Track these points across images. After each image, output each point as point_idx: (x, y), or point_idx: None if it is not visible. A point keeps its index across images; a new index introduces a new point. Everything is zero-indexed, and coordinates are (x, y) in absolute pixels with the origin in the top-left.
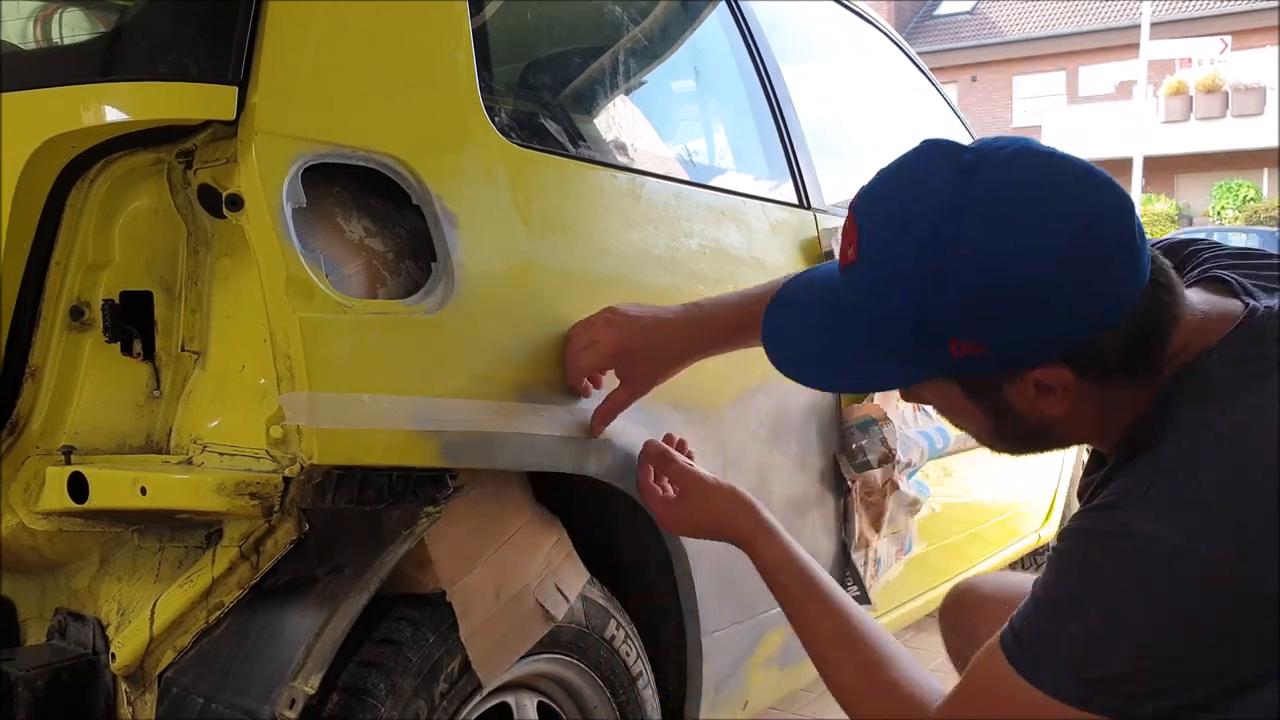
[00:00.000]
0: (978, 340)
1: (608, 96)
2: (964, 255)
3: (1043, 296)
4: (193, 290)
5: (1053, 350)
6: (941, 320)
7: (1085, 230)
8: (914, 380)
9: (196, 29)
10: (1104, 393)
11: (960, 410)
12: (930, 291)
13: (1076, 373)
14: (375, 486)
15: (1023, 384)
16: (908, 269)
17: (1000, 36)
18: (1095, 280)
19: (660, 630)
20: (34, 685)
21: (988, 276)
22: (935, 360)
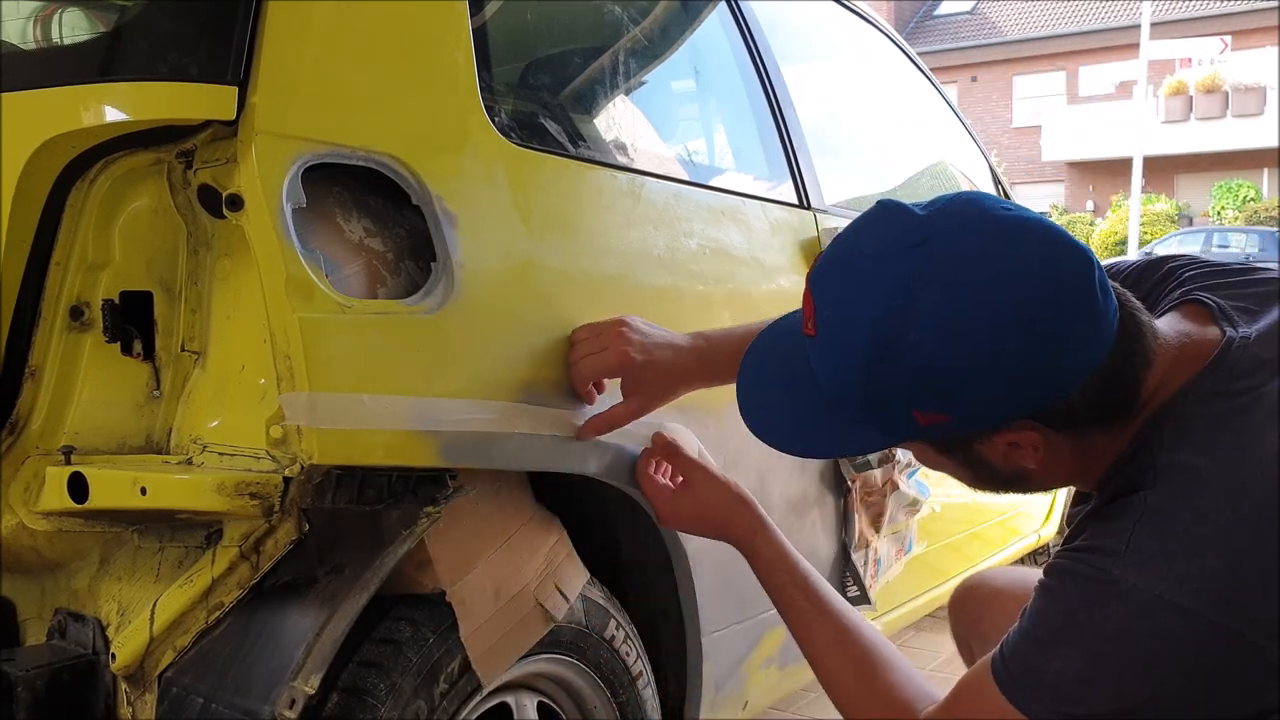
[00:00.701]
0: (938, 411)
1: (608, 96)
2: (914, 335)
3: (998, 371)
4: (193, 290)
5: (1016, 415)
6: (900, 396)
7: (1039, 306)
8: (884, 446)
9: (196, 29)
10: (1079, 443)
11: (937, 463)
12: (885, 371)
13: (1045, 432)
14: (375, 486)
15: (994, 445)
16: (862, 349)
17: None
18: (1052, 353)
19: (660, 630)
20: (34, 685)
21: (940, 355)
22: (902, 428)
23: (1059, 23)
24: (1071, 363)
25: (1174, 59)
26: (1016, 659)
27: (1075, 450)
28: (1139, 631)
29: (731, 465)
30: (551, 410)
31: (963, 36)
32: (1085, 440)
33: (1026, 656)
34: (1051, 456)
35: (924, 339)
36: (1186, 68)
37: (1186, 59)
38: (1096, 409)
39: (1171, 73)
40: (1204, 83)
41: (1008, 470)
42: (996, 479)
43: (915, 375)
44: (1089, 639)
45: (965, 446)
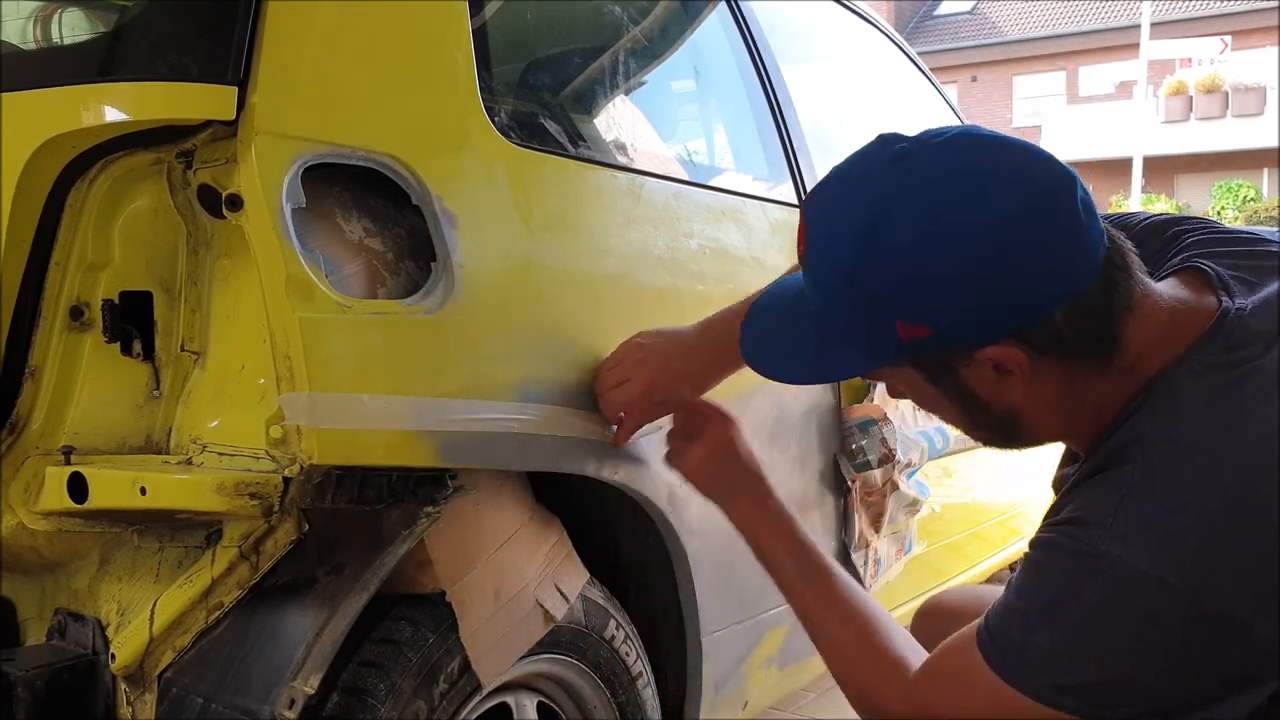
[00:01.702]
0: (919, 321)
1: (608, 96)
2: (894, 239)
3: (975, 276)
4: (192, 290)
5: (998, 330)
6: (882, 304)
7: (1017, 212)
8: (871, 367)
9: (196, 29)
10: (1067, 379)
11: (930, 399)
12: (867, 279)
13: (1030, 353)
14: (375, 486)
15: (978, 366)
16: (844, 259)
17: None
18: (1032, 261)
19: (660, 630)
20: (34, 685)
21: (917, 262)
22: (886, 346)
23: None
24: (1053, 271)
25: (1174, 59)
26: (1002, 631)
27: (1063, 389)
28: (1123, 606)
29: None
30: (552, 410)
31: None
32: (1072, 377)
33: (1011, 629)
34: (1038, 390)
35: (901, 245)
36: (1186, 68)
37: (1186, 59)
38: (1081, 337)
39: (1171, 73)
40: (1204, 83)
41: (998, 407)
42: (988, 420)
43: (895, 283)
44: (1073, 612)
45: (951, 372)
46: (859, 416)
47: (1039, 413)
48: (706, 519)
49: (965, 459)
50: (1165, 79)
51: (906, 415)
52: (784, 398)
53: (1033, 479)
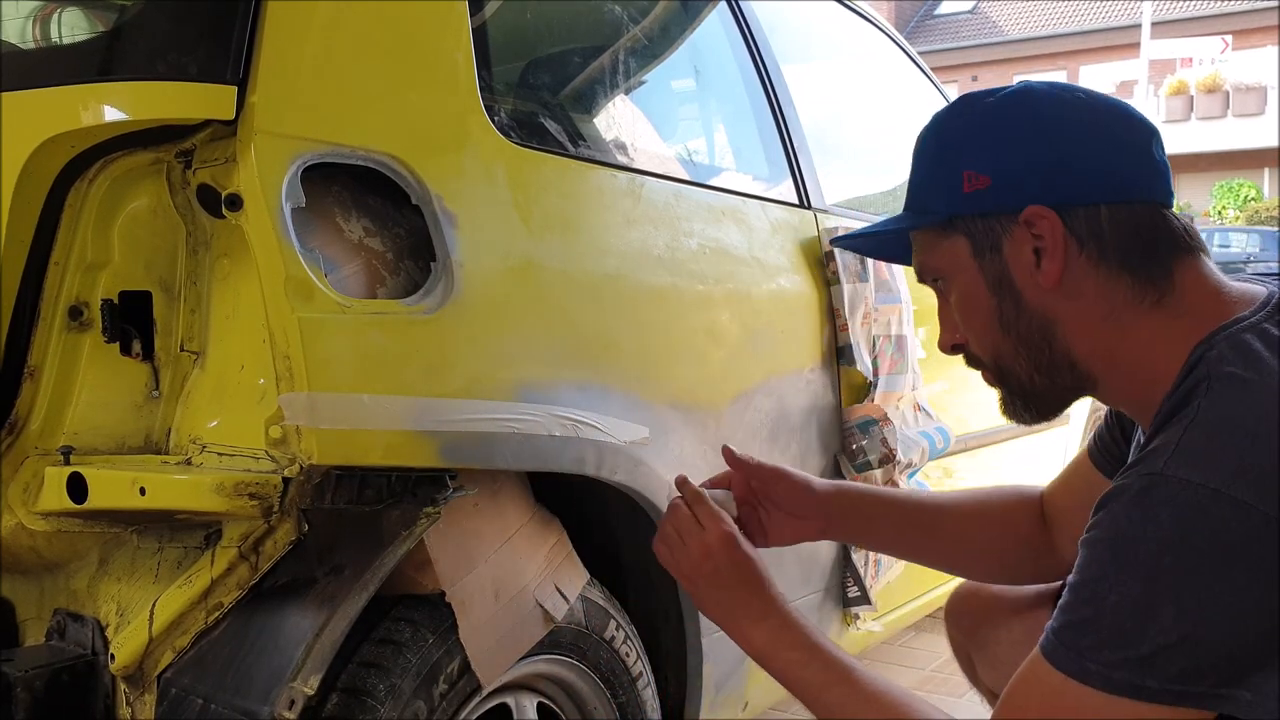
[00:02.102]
0: (984, 170)
1: (608, 96)
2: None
3: (1045, 135)
4: (192, 290)
5: (1048, 194)
6: (957, 151)
7: (1098, 105)
8: (933, 215)
9: (196, 29)
10: (1107, 292)
11: (969, 285)
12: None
13: (1066, 232)
14: (375, 487)
15: (1019, 241)
16: (937, 120)
17: (1000, 36)
18: (1098, 144)
19: (660, 630)
20: (33, 686)
21: (1000, 111)
22: (951, 197)
23: (1059, 23)
24: (1107, 168)
25: (1174, 59)
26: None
27: (1103, 303)
28: (1193, 530)
29: None
30: (551, 410)
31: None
32: (1114, 294)
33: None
34: (1075, 294)
35: (989, 104)
36: (1187, 67)
37: (1187, 59)
38: (1123, 241)
39: (1172, 72)
40: (1204, 82)
41: (1034, 303)
42: (1022, 325)
43: (973, 130)
44: (1142, 554)
45: (995, 246)
46: (859, 416)
47: (1077, 325)
48: None
49: (965, 459)
50: (1166, 79)
51: (907, 415)
52: (785, 398)
53: (1033, 478)
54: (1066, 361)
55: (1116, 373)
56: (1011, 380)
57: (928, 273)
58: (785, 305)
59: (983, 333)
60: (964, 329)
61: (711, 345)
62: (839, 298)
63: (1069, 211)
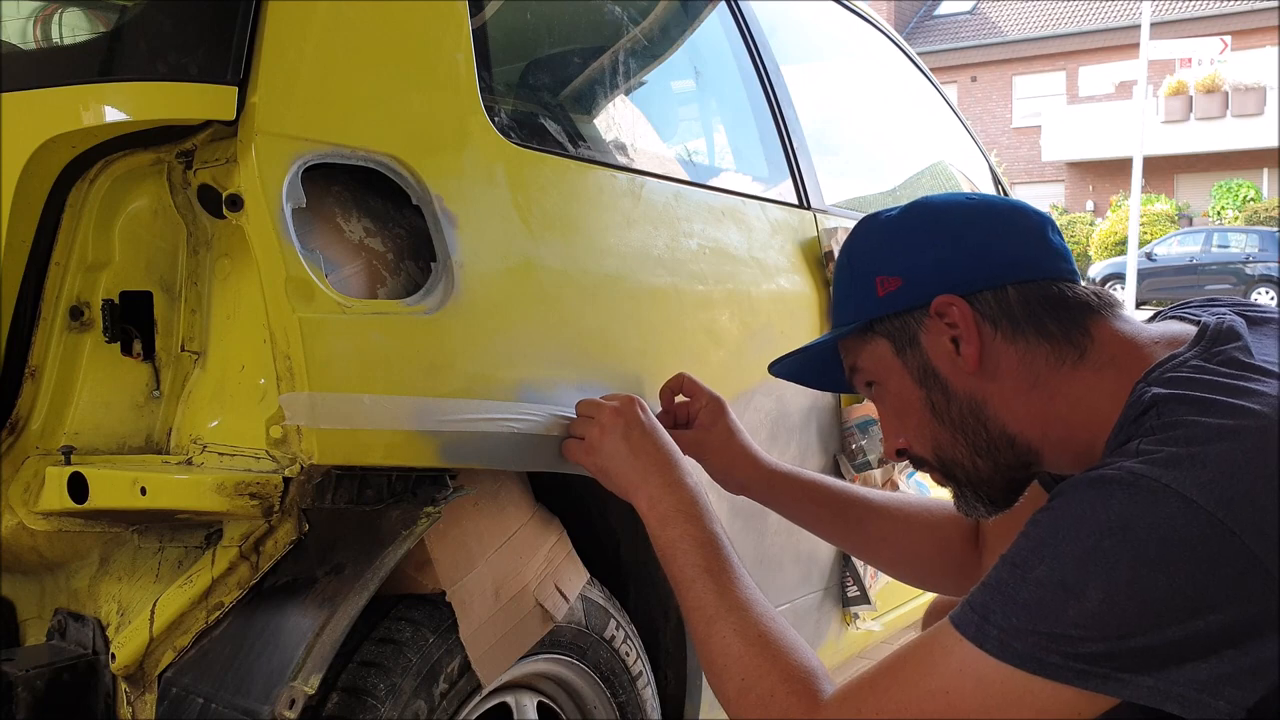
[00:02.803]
0: (894, 273)
1: (608, 96)
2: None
3: (945, 232)
4: (192, 290)
5: (956, 284)
6: (868, 265)
7: (990, 201)
8: (857, 319)
9: (196, 29)
10: (1028, 363)
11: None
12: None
13: (976, 315)
14: (375, 486)
15: (935, 332)
16: (847, 247)
17: (1000, 36)
18: (998, 238)
19: (660, 630)
20: (34, 685)
21: (901, 223)
22: (867, 305)
23: (1059, 23)
24: (1010, 253)
25: (1174, 59)
26: (984, 588)
27: (1027, 374)
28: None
29: None
30: (552, 410)
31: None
32: (1035, 362)
33: (1000, 578)
34: (998, 373)
35: (890, 219)
36: (1186, 68)
37: (1186, 59)
38: (1034, 314)
39: (1171, 73)
40: (1204, 83)
41: (961, 391)
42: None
43: (880, 243)
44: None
45: (914, 340)
46: (859, 416)
47: (1005, 401)
48: None
49: None
50: (1165, 79)
51: None
52: (785, 397)
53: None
54: (1004, 439)
55: (1054, 437)
56: (957, 471)
57: (859, 376)
58: (785, 305)
59: (919, 427)
60: (901, 429)
61: (711, 345)
62: None
63: (976, 297)
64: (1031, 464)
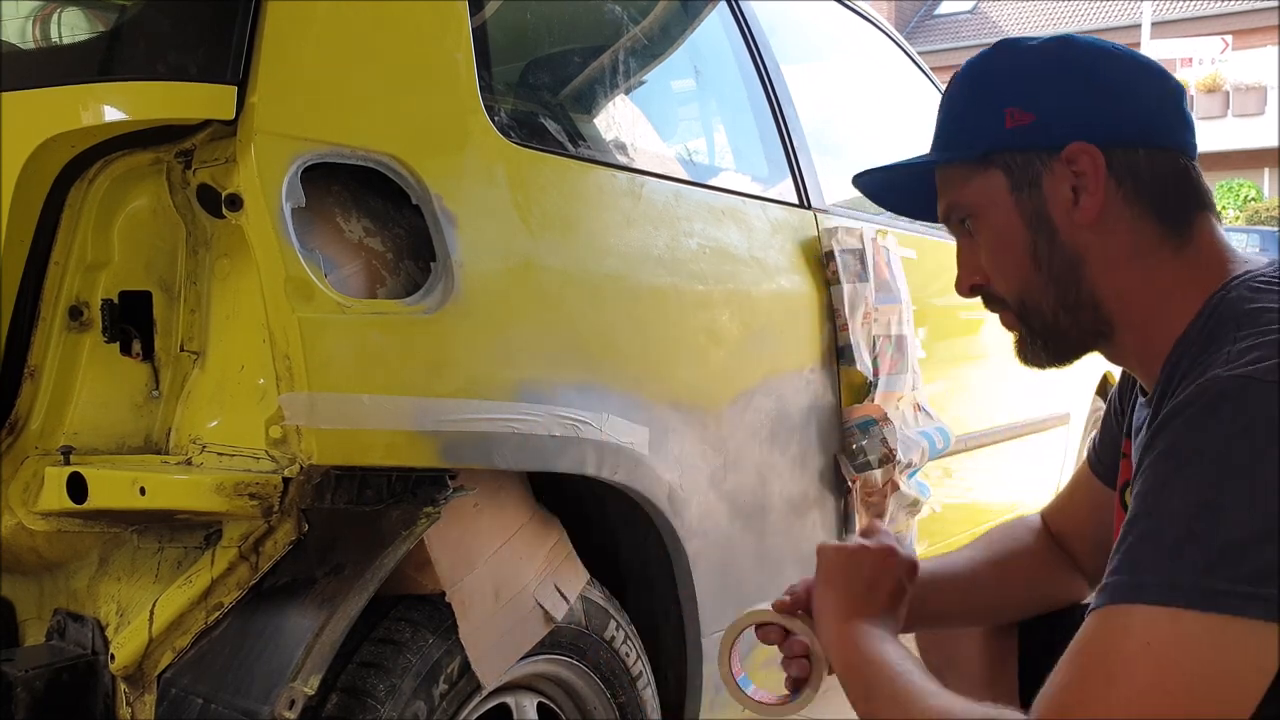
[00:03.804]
0: (1028, 108)
1: (608, 96)
2: (1029, 43)
3: (1092, 76)
4: (192, 290)
5: (1091, 131)
6: (999, 91)
7: (1143, 59)
8: (974, 148)
9: (196, 29)
10: (1136, 235)
11: (1003, 220)
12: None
13: (1107, 170)
14: (375, 487)
15: (1059, 177)
16: (978, 61)
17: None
18: (1142, 91)
19: (660, 630)
20: (33, 686)
21: (1047, 52)
22: (991, 133)
23: (1059, 23)
24: (1148, 115)
25: (1174, 59)
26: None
27: (1132, 245)
28: (1260, 418)
29: (732, 465)
30: (551, 410)
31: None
32: (1141, 236)
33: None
34: (1108, 234)
35: (1034, 46)
36: (1187, 67)
37: (1187, 59)
38: (1157, 188)
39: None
40: (1204, 82)
41: (1067, 240)
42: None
43: (1020, 70)
44: (1207, 451)
45: (1034, 181)
46: (859, 416)
47: (1105, 263)
48: (706, 519)
49: (965, 459)
50: None
51: (907, 415)
52: (785, 397)
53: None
54: (1091, 300)
55: (1133, 317)
56: (1035, 318)
57: (956, 211)
58: (785, 305)
59: (1013, 269)
60: (990, 268)
61: (711, 345)
62: (839, 298)
63: (1109, 151)
64: (1103, 335)
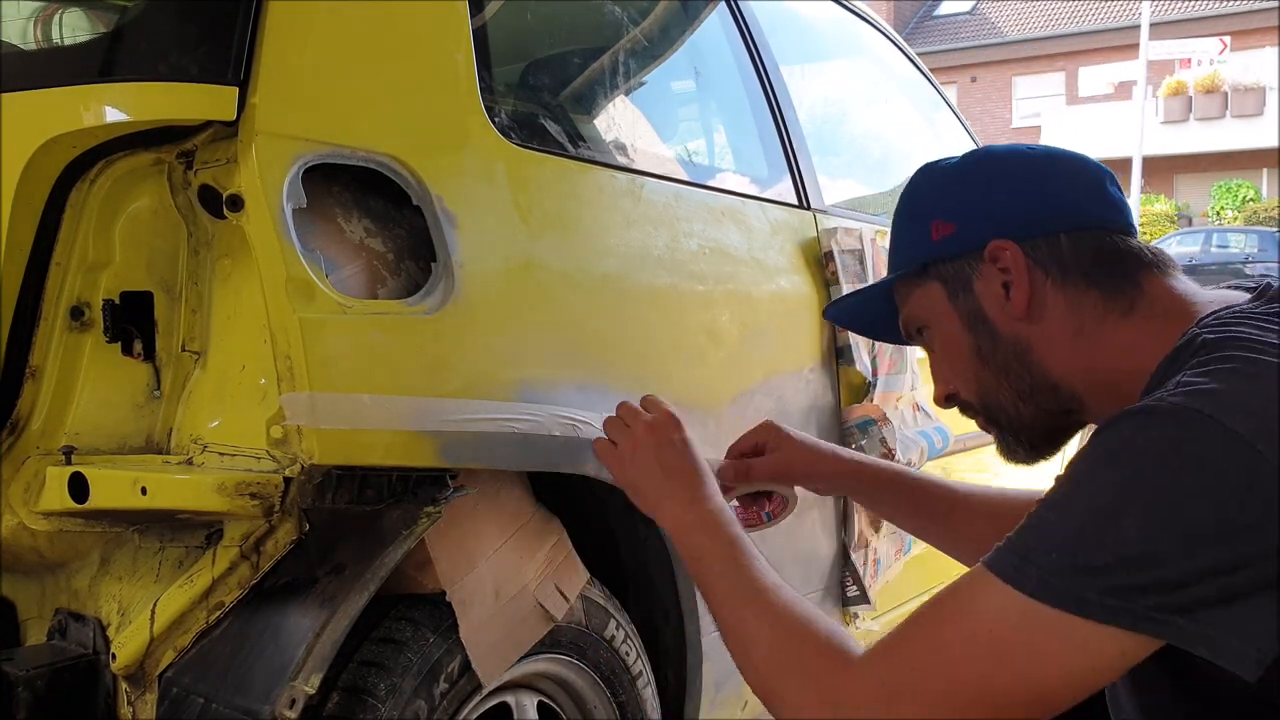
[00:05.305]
0: (950, 218)
1: (607, 97)
2: (944, 165)
3: (1002, 177)
4: (193, 290)
5: (1010, 229)
6: (925, 209)
7: (1050, 151)
8: (913, 263)
9: (197, 29)
10: (1075, 310)
11: (947, 327)
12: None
13: (1029, 260)
14: (375, 486)
15: (988, 276)
16: (905, 193)
17: (1000, 37)
18: (1049, 186)
19: (660, 630)
20: (34, 685)
21: (960, 171)
22: (922, 249)
23: (1059, 23)
24: (1066, 202)
25: (1173, 59)
26: (1020, 530)
27: (1073, 321)
28: (1182, 445)
29: None
30: (551, 410)
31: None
32: (1082, 310)
33: (1036, 518)
34: (1046, 318)
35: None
36: (1186, 68)
37: (1186, 59)
38: (1086, 262)
39: (1171, 73)
40: (1203, 83)
41: (1007, 334)
42: (999, 355)
43: (938, 188)
44: (1122, 461)
45: (966, 285)
46: (859, 416)
47: (1049, 345)
48: None
49: (965, 459)
50: (1164, 79)
51: (906, 415)
52: (785, 397)
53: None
54: (1047, 383)
55: (1098, 385)
56: (1000, 416)
57: (911, 324)
58: (785, 305)
59: (965, 372)
60: (950, 374)
61: (711, 345)
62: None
63: (1030, 243)
64: (1073, 411)
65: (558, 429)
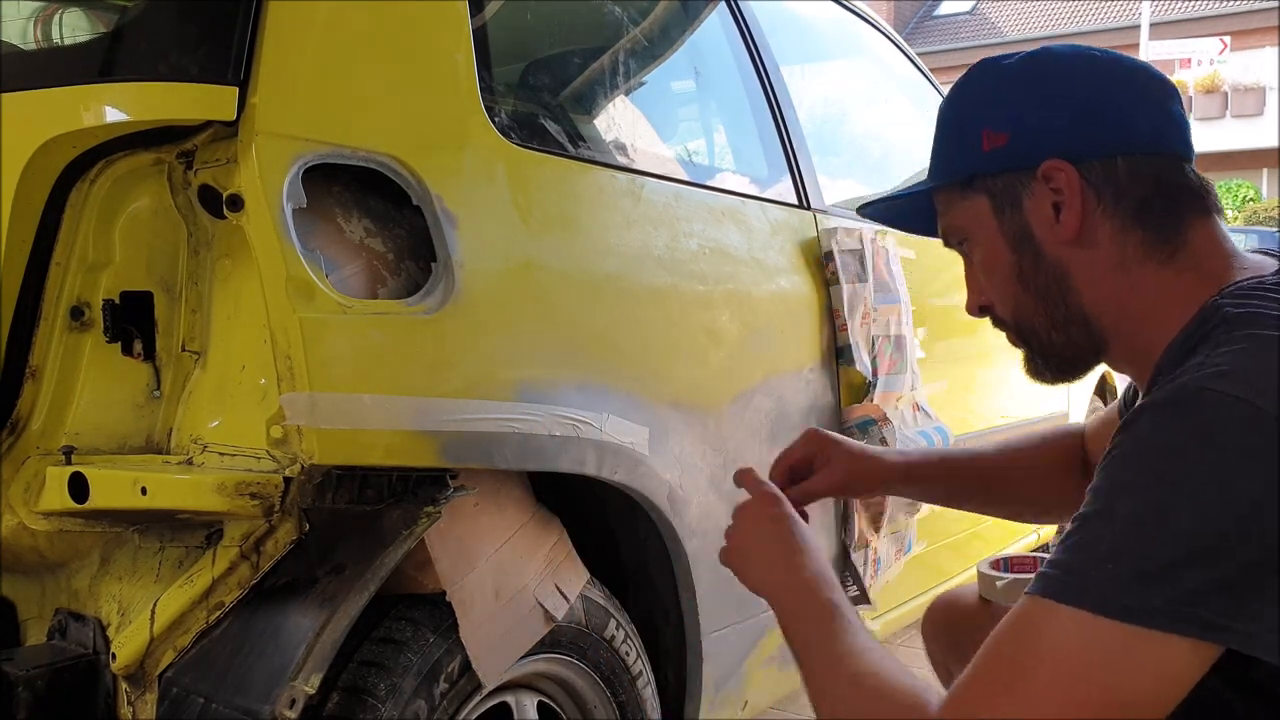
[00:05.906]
0: (1002, 128)
1: (608, 97)
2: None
3: (1062, 88)
4: (193, 290)
5: (1066, 146)
6: (976, 113)
7: (1117, 59)
8: (958, 173)
9: (197, 29)
10: (1120, 245)
11: (990, 243)
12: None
13: (1084, 184)
14: (375, 486)
15: (1039, 196)
16: (956, 88)
17: (1000, 37)
18: (1112, 104)
19: (660, 630)
20: (34, 685)
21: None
22: (971, 157)
23: (1058, 23)
24: (1128, 121)
25: (1173, 59)
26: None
27: (1116, 256)
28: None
29: (731, 465)
30: (551, 410)
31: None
32: (1126, 246)
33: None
34: (1091, 247)
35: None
36: (1186, 68)
37: (1186, 59)
38: (1138, 198)
39: (1171, 73)
40: (1203, 83)
41: (1051, 255)
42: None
43: (992, 90)
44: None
45: (1015, 202)
46: (859, 416)
47: (1089, 276)
48: (706, 519)
49: None
50: None
51: (906, 415)
52: (785, 397)
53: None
54: (1080, 316)
55: (1123, 331)
56: (1032, 338)
57: (952, 234)
58: (785, 305)
59: (1004, 290)
60: (988, 289)
61: (711, 345)
62: (838, 298)
63: (1086, 164)
64: (1100, 350)
65: (558, 429)
